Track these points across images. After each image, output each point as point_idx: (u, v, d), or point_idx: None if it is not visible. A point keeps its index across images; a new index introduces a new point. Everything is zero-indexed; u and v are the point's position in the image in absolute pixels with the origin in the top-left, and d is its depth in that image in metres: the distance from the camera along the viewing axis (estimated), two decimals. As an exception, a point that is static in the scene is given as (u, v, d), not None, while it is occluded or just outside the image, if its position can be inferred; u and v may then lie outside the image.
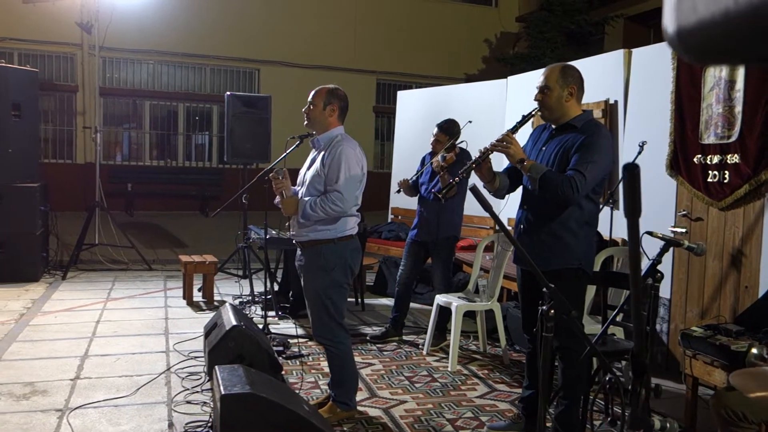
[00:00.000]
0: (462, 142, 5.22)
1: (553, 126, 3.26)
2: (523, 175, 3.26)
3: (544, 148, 3.25)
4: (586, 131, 3.10)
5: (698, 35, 0.49)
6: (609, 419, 1.20)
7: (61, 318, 5.62)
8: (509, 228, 2.23)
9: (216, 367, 3.08)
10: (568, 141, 3.13)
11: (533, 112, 3.21)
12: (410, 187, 5.41)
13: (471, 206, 4.70)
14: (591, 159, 3.04)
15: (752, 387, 1.44)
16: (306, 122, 3.71)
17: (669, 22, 0.52)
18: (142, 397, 3.89)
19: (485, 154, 3.15)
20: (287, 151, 4.27)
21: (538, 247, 3.13)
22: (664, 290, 4.65)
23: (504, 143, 3.10)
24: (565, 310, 1.69)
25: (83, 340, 5.00)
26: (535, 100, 3.20)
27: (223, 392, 2.76)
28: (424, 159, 5.46)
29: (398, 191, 5.44)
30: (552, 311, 1.76)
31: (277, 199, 3.67)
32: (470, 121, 5.29)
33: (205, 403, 3.78)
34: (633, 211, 0.82)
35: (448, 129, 5.21)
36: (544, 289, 1.73)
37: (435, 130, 5.27)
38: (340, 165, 3.53)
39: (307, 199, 3.56)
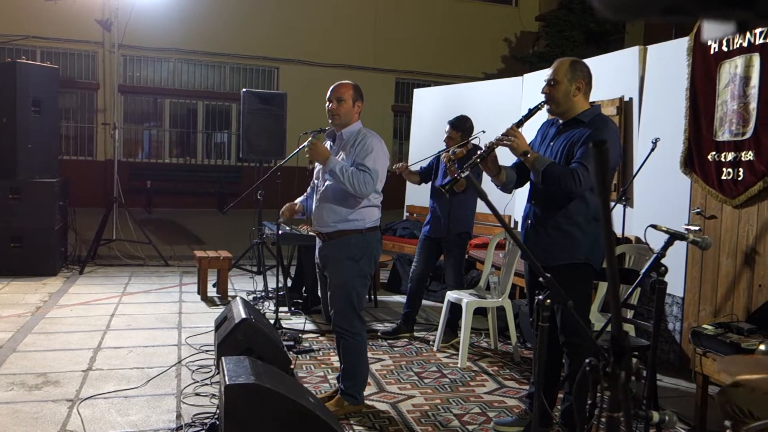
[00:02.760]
0: (476, 138, 5.20)
1: (561, 121, 3.25)
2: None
3: (552, 144, 3.24)
4: (592, 125, 3.09)
5: None
6: (590, 403, 1.19)
7: (76, 311, 5.69)
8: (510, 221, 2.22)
9: (222, 358, 3.10)
10: (575, 136, 3.11)
11: (539, 106, 3.19)
12: (412, 173, 5.42)
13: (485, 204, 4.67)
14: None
15: (740, 371, 1.43)
16: (333, 119, 3.69)
17: None
18: (152, 388, 3.93)
19: (490, 149, 3.15)
20: (299, 147, 4.29)
21: (546, 242, 3.12)
22: (678, 289, 4.60)
23: (508, 137, 3.09)
24: (561, 300, 1.68)
25: (97, 332, 5.06)
26: (543, 92, 3.18)
27: (228, 382, 2.78)
28: (440, 155, 5.46)
29: (394, 170, 5.39)
30: (548, 301, 1.75)
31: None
32: (483, 131, 5.26)
33: (213, 395, 3.81)
34: (603, 188, 0.81)
35: (459, 125, 5.21)
36: (541, 279, 1.71)
37: (447, 127, 5.27)
38: (369, 153, 3.56)
39: (341, 160, 3.56)
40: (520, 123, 3.17)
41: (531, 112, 3.17)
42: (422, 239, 5.39)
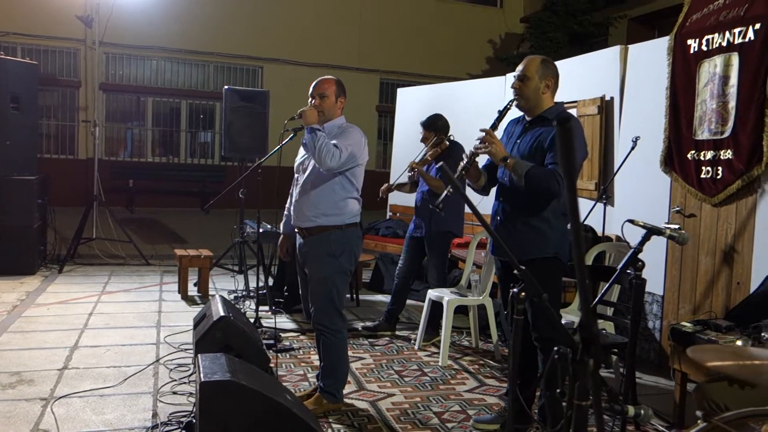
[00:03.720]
0: (451, 135, 5.23)
1: (527, 118, 3.28)
2: (498, 168, 3.27)
3: (518, 141, 3.28)
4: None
5: None
6: (559, 391, 1.18)
7: (54, 310, 5.62)
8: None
9: (199, 355, 3.06)
10: (542, 134, 3.16)
11: (509, 106, 3.25)
12: (401, 185, 5.43)
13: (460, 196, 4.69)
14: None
15: (708, 358, 1.43)
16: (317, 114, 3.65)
17: None
18: (128, 387, 3.88)
19: (471, 159, 3.18)
20: (281, 143, 4.25)
21: (515, 237, 3.14)
22: (658, 287, 4.62)
23: (485, 144, 3.11)
24: (536, 292, 1.67)
25: (74, 331, 4.99)
26: (512, 87, 3.21)
27: (203, 379, 2.75)
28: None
29: (380, 198, 5.44)
30: (523, 293, 1.74)
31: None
32: (452, 135, 5.29)
33: (191, 394, 3.77)
34: (569, 167, 0.80)
35: (430, 125, 5.25)
36: (515, 272, 1.70)
37: (421, 131, 5.31)
38: (346, 138, 3.56)
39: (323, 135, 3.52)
40: (494, 126, 3.20)
41: (502, 114, 3.22)
42: (408, 238, 5.39)
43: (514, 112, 3.34)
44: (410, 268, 5.38)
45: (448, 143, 5.15)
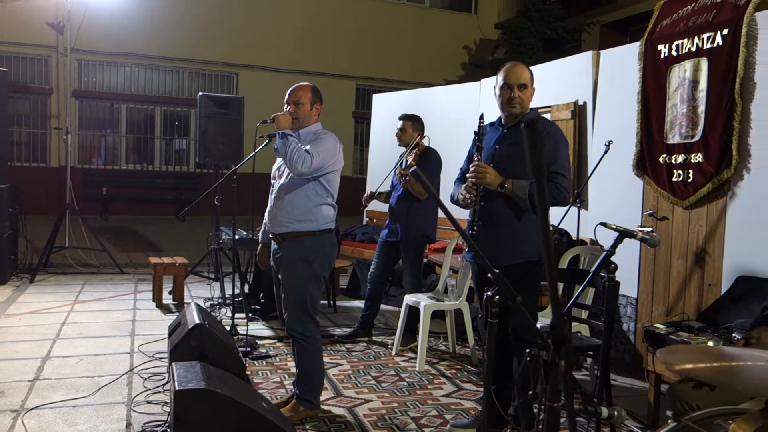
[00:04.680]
0: (425, 137, 5.27)
1: (503, 124, 3.33)
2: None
3: (497, 146, 3.31)
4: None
5: None
6: (531, 393, 1.19)
7: (25, 320, 5.52)
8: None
9: (173, 363, 3.03)
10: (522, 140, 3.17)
11: (481, 122, 3.29)
12: (381, 194, 5.43)
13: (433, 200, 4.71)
14: (558, 158, 3.12)
15: (675, 360, 1.44)
16: (292, 122, 3.61)
17: None
18: (101, 397, 3.82)
19: (477, 192, 3.18)
20: (256, 150, 4.24)
21: (497, 240, 3.15)
22: (632, 290, 4.67)
23: (479, 175, 3.15)
24: (510, 295, 1.67)
25: (46, 341, 4.91)
26: (513, 97, 3.20)
27: (177, 388, 2.72)
28: (396, 170, 5.45)
29: (363, 208, 5.47)
30: (497, 297, 1.75)
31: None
32: (427, 135, 5.35)
33: (165, 403, 3.72)
34: (538, 168, 0.80)
35: (411, 116, 5.31)
36: (490, 276, 1.71)
37: (399, 123, 5.33)
38: (320, 144, 3.54)
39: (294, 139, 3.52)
40: (479, 149, 3.22)
41: (479, 135, 3.26)
42: (381, 243, 5.39)
43: (487, 117, 3.37)
44: (383, 273, 5.38)
45: (423, 147, 5.19)
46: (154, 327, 5.44)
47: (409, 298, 4.90)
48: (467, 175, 3.24)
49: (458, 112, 7.01)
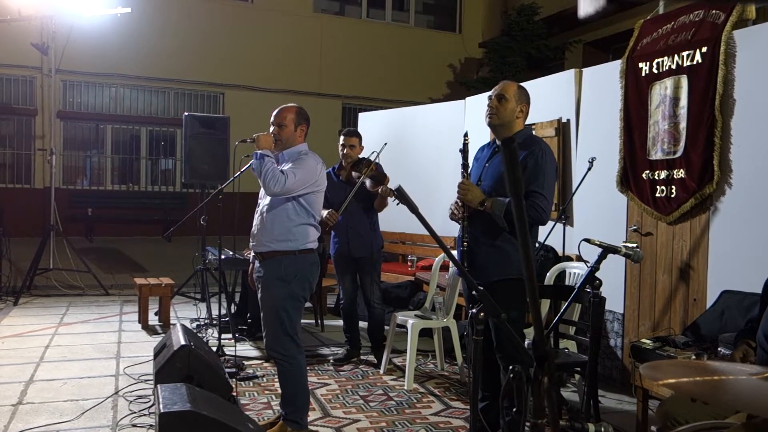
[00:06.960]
0: (372, 153, 5.37)
1: (497, 142, 3.35)
2: None
3: (487, 165, 3.35)
4: (526, 147, 3.17)
5: None
6: (515, 410, 1.18)
7: (8, 343, 5.46)
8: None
9: (158, 385, 3.00)
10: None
11: (465, 141, 3.32)
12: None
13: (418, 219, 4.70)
14: (539, 177, 3.14)
15: (659, 376, 1.45)
16: (275, 143, 3.64)
17: None
18: (86, 421, 3.78)
19: (464, 209, 3.23)
20: (242, 170, 4.24)
21: (481, 260, 3.17)
22: (618, 305, 4.69)
23: (461, 192, 3.21)
24: (495, 313, 1.68)
25: (29, 365, 4.85)
26: (490, 106, 3.25)
27: (162, 410, 2.69)
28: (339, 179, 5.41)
29: (329, 230, 5.17)
30: (481, 314, 1.75)
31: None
32: (386, 143, 5.50)
33: (151, 426, 3.68)
34: (515, 185, 0.81)
35: (355, 131, 5.51)
36: (474, 293, 1.71)
37: (341, 139, 5.40)
38: (298, 165, 3.56)
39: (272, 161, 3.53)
40: (465, 166, 3.25)
41: (464, 153, 3.29)
42: (340, 260, 5.28)
43: (483, 138, 3.40)
44: (355, 291, 5.36)
45: (375, 165, 5.22)
46: (139, 349, 5.39)
47: (399, 317, 4.92)
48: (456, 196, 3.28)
49: (443, 130, 7.06)
